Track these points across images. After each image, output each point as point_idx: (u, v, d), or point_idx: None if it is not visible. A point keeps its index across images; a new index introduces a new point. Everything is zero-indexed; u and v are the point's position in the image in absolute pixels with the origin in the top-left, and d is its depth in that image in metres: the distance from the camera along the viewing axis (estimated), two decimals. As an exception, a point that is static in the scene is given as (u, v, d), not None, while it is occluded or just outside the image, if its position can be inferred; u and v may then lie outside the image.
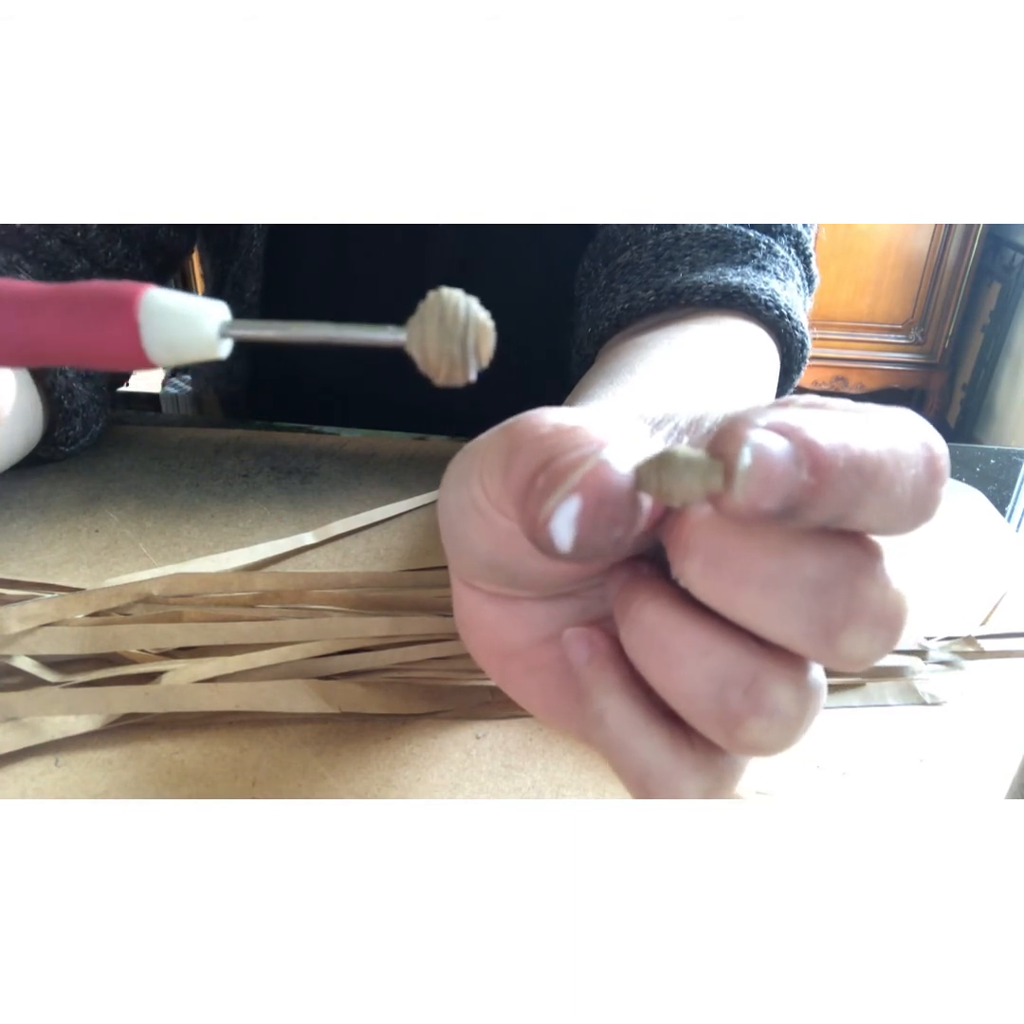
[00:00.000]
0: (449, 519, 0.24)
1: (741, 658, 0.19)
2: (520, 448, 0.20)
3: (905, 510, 0.18)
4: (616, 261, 0.48)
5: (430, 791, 0.30)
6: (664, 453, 0.18)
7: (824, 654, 0.19)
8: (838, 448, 0.17)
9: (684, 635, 0.20)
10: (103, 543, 0.42)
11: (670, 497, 0.18)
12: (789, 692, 0.19)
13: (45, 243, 0.47)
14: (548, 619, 0.24)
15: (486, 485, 0.22)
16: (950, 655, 0.37)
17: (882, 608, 0.18)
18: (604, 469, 0.18)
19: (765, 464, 0.16)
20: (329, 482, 0.49)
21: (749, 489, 0.17)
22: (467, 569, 0.25)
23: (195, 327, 0.17)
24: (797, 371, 0.47)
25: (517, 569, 0.23)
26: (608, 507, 0.18)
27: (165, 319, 0.17)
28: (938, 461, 0.18)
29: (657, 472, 0.18)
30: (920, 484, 0.18)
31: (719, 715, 0.19)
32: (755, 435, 0.17)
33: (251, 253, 0.57)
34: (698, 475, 0.17)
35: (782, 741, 0.20)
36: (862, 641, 0.18)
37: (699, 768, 0.21)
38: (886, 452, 0.17)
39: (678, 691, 0.20)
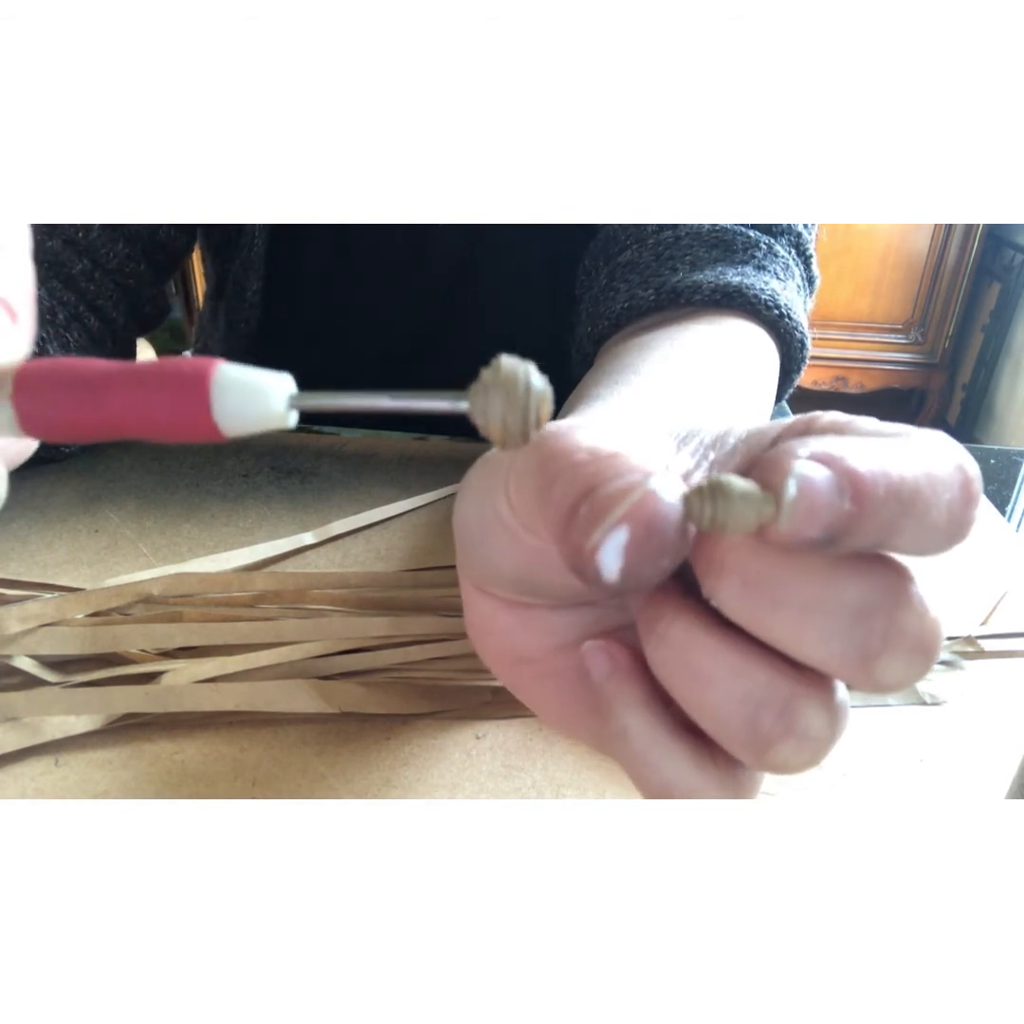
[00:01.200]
0: (469, 531, 0.24)
1: (774, 681, 0.19)
2: (558, 475, 0.19)
3: (940, 533, 0.18)
4: (616, 260, 0.48)
5: (430, 791, 0.30)
6: (717, 484, 0.17)
7: (859, 679, 0.19)
8: (879, 476, 0.17)
9: (715, 656, 0.19)
10: (103, 543, 0.42)
11: (723, 528, 0.17)
12: (821, 715, 0.19)
13: (46, 243, 0.47)
14: (564, 627, 0.24)
15: (515, 504, 0.21)
16: (950, 655, 0.37)
17: (919, 635, 0.18)
18: (653, 500, 0.18)
19: (810, 495, 0.17)
20: (329, 482, 0.49)
21: (795, 519, 0.17)
22: (485, 578, 0.24)
23: (265, 402, 0.18)
24: (797, 371, 0.47)
25: (542, 584, 0.23)
26: (657, 537, 0.18)
27: (236, 395, 0.18)
28: (972, 484, 0.18)
29: (712, 503, 0.17)
30: (955, 507, 0.18)
31: (750, 737, 0.19)
32: (799, 466, 0.17)
33: (252, 252, 0.57)
34: (753, 507, 0.17)
35: (810, 761, 0.20)
36: (899, 667, 0.18)
37: (721, 784, 0.21)
38: (923, 477, 0.18)
39: (707, 711, 0.20)
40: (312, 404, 0.18)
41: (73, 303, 0.47)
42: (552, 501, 0.19)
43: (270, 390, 0.18)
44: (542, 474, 0.20)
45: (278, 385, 0.18)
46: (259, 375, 0.18)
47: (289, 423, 0.18)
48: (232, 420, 0.18)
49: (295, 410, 0.18)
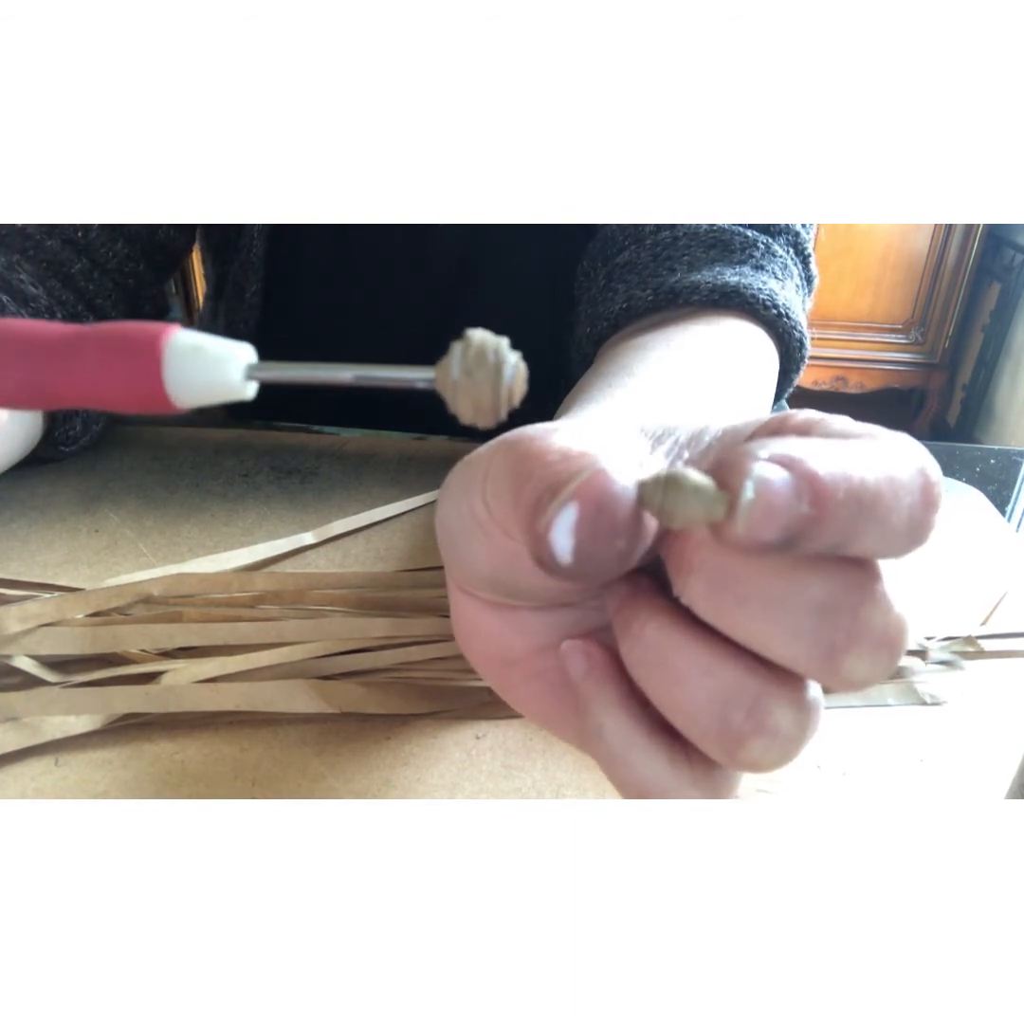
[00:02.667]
0: (449, 532, 0.24)
1: (743, 679, 0.19)
2: (530, 476, 0.20)
3: (901, 537, 0.18)
4: (615, 261, 0.48)
5: (430, 791, 0.30)
6: (672, 475, 0.18)
7: (826, 675, 0.19)
8: (839, 479, 0.17)
9: (686, 654, 0.20)
10: (103, 543, 0.42)
11: (671, 519, 0.18)
12: (790, 713, 0.19)
13: (46, 243, 0.47)
14: (546, 628, 0.24)
15: (492, 507, 0.21)
16: (950, 655, 0.37)
17: (884, 631, 0.18)
18: (601, 477, 0.18)
19: (767, 497, 0.17)
20: (329, 482, 0.49)
21: (751, 521, 0.17)
22: (466, 580, 0.25)
23: (220, 370, 0.17)
24: (796, 371, 0.47)
25: (518, 583, 0.23)
26: (606, 516, 0.18)
27: (190, 362, 0.17)
28: (933, 488, 0.18)
29: (663, 492, 0.18)
30: (916, 512, 0.18)
31: (720, 734, 0.19)
32: (758, 468, 0.17)
33: (251, 253, 0.57)
34: (703, 502, 0.17)
35: (781, 759, 0.20)
36: (864, 663, 0.18)
37: (696, 783, 0.21)
38: (884, 481, 0.18)
39: (679, 709, 0.20)
40: (271, 375, 0.18)
41: (72, 302, 0.47)
42: (522, 500, 0.19)
43: (227, 358, 0.17)
44: (516, 476, 0.20)
45: (236, 353, 0.17)
46: (216, 342, 0.17)
47: (247, 394, 0.17)
48: (185, 389, 0.17)
49: (253, 381, 0.17)
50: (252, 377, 0.17)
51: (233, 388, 0.17)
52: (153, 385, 0.17)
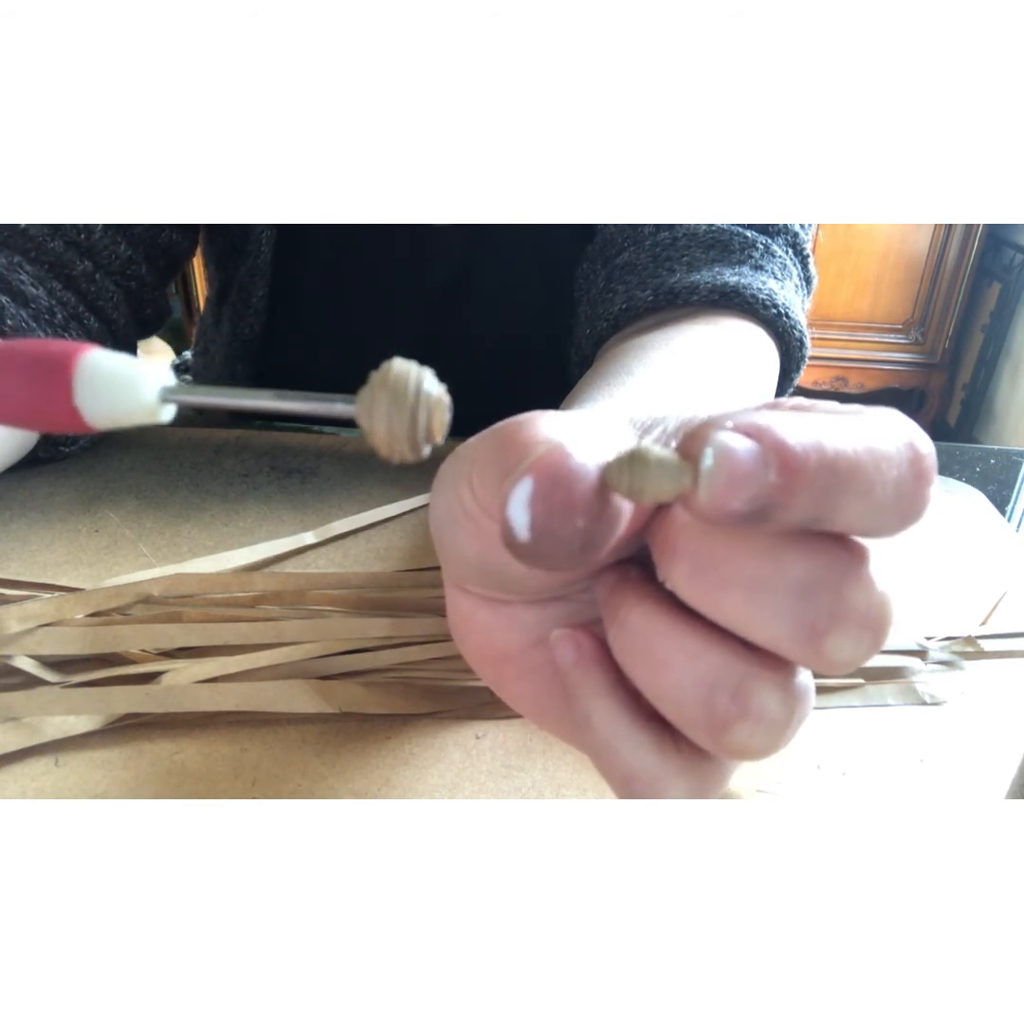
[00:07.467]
0: (439, 523, 0.24)
1: (728, 662, 0.19)
2: (517, 463, 0.19)
3: (889, 512, 0.18)
4: (614, 262, 0.48)
5: (430, 791, 0.30)
6: (635, 451, 0.18)
7: (810, 657, 0.19)
8: (809, 448, 0.17)
9: (672, 639, 0.20)
10: (103, 543, 0.42)
11: (640, 495, 0.18)
12: (776, 696, 0.19)
13: (48, 244, 0.46)
14: (539, 622, 0.24)
15: (477, 490, 0.21)
16: (950, 655, 0.37)
17: (867, 611, 0.18)
18: (556, 451, 0.18)
19: (728, 464, 0.16)
20: (329, 482, 0.49)
21: (713, 490, 0.17)
22: (457, 573, 0.25)
23: (134, 393, 0.17)
24: (796, 370, 0.47)
25: (505, 572, 0.23)
26: (561, 491, 0.18)
27: (102, 383, 0.17)
28: (923, 461, 0.18)
29: (629, 470, 0.18)
30: (904, 485, 0.18)
31: (706, 719, 0.19)
32: (719, 436, 0.17)
33: (259, 259, 0.57)
34: (668, 475, 0.17)
35: (769, 745, 0.20)
36: (847, 644, 0.18)
37: (684, 771, 0.21)
38: (864, 452, 0.17)
39: (665, 695, 0.20)
40: (186, 399, 0.17)
41: (73, 303, 0.47)
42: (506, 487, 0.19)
43: (139, 381, 0.17)
44: (502, 463, 0.20)
45: (149, 376, 0.17)
46: (130, 364, 0.17)
47: (162, 418, 0.17)
48: (97, 411, 0.17)
49: (169, 404, 0.17)
50: (168, 400, 0.17)
51: (147, 411, 0.17)
52: (65, 407, 0.17)
